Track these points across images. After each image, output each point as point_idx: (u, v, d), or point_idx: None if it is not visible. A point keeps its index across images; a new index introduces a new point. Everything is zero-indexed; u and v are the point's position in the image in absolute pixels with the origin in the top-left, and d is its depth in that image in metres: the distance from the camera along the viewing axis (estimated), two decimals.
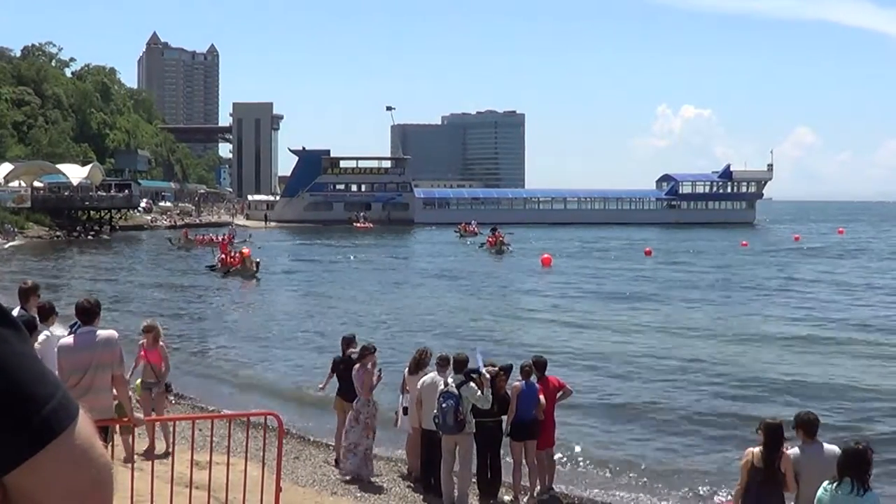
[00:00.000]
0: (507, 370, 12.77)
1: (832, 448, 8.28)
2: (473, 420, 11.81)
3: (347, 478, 12.91)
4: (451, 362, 12.38)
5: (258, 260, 46.57)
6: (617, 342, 26.39)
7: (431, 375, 12.52)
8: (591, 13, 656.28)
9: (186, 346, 26.01)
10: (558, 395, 12.98)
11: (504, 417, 12.40)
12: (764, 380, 21.12)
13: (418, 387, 12.55)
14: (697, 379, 21.41)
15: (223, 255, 48.13)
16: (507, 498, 12.57)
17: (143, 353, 13.23)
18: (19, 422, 1.13)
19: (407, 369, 13.43)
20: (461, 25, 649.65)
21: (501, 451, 12.65)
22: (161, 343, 13.44)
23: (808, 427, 8.48)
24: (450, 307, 34.71)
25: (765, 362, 23.27)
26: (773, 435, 8.46)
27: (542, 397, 12.42)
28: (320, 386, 14.93)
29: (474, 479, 12.35)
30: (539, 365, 12.90)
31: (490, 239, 67.06)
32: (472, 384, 11.67)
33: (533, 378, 12.54)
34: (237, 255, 46.98)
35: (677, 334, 28.08)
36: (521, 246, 67.61)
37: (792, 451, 8.48)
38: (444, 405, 11.54)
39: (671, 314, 32.64)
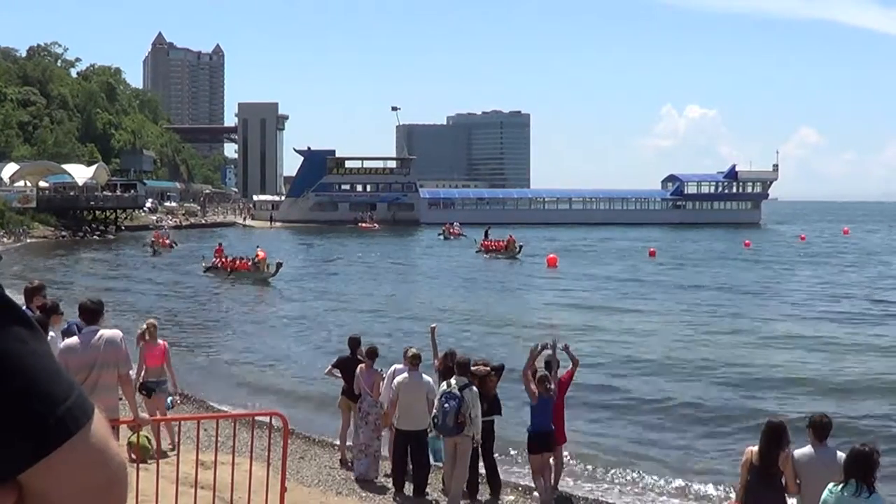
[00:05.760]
0: (498, 371, 12.72)
1: (843, 455, 8.10)
2: (472, 423, 11.66)
3: (353, 477, 12.91)
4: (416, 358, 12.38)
5: (279, 261, 45.13)
6: (621, 341, 26.35)
7: (405, 375, 12.26)
8: (597, 13, 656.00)
9: (191, 345, 26.02)
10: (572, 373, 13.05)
11: (495, 417, 12.37)
12: (772, 379, 21.13)
13: (393, 386, 12.21)
14: (703, 378, 21.40)
15: (217, 261, 46.95)
16: (510, 497, 12.56)
17: (145, 354, 13.08)
18: (35, 421, 1.13)
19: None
20: (466, 25, 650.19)
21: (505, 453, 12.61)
22: (161, 342, 13.20)
23: (817, 429, 8.43)
24: (456, 308, 34.61)
25: (772, 361, 23.22)
26: (770, 434, 8.44)
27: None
28: (325, 372, 14.81)
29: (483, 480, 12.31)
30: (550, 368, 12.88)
31: (486, 242, 65.17)
32: (474, 388, 11.59)
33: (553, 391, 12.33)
34: (245, 260, 45.57)
35: (682, 333, 28.04)
36: (526, 246, 67.34)
37: (799, 451, 8.45)
38: (445, 406, 11.36)
39: (675, 313, 32.63)
